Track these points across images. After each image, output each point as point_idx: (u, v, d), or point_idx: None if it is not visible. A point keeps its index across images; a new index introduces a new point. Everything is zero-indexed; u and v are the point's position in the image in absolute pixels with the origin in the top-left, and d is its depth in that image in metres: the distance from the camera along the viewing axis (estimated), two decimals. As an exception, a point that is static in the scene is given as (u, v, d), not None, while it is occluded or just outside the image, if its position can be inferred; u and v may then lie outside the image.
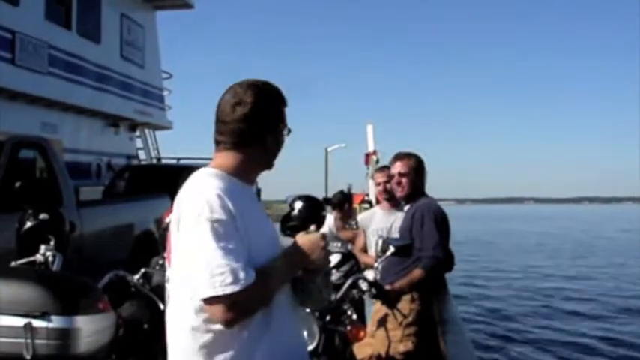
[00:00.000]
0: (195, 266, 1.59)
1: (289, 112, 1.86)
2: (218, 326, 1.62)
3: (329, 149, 33.93)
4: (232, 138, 1.77)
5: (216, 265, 1.56)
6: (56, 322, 2.41)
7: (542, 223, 60.18)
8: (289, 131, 1.86)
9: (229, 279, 1.55)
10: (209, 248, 1.57)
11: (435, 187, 4.05)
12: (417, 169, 3.96)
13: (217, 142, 1.80)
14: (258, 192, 9.65)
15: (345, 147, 35.29)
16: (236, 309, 1.58)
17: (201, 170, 1.78)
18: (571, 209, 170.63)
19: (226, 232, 1.60)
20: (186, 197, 1.69)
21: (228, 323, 1.60)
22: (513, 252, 27.58)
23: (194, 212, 1.62)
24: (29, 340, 2.37)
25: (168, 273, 1.74)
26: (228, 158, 1.78)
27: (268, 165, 1.86)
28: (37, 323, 2.39)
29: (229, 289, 1.55)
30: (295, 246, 1.78)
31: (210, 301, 1.57)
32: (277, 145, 1.85)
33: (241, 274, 1.56)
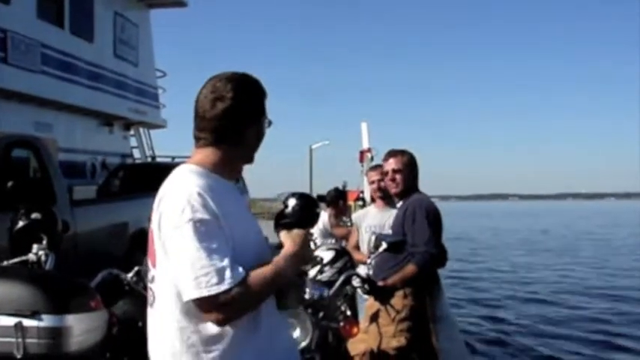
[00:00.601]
0: (180, 268, 1.57)
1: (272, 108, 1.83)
2: (206, 326, 1.60)
3: (313, 147, 33.77)
4: (213, 134, 1.73)
5: (201, 266, 1.54)
6: (47, 321, 2.39)
7: (527, 220, 60.37)
8: (270, 123, 1.82)
9: (214, 279, 1.53)
10: (193, 249, 1.55)
11: (419, 183, 4.05)
12: (410, 166, 3.96)
13: (197, 138, 1.76)
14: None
15: (328, 144, 35.27)
16: (224, 309, 1.56)
17: (182, 167, 1.74)
18: (555, 205, 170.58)
19: (210, 231, 1.57)
20: (167, 195, 1.65)
21: (218, 323, 1.59)
22: (500, 248, 27.65)
23: (176, 212, 1.59)
24: (20, 340, 2.36)
25: (152, 273, 1.71)
26: (209, 154, 1.73)
27: (250, 159, 1.83)
28: (27, 322, 2.38)
29: (215, 290, 1.53)
30: (283, 246, 1.76)
31: (197, 302, 1.56)
32: (258, 139, 1.81)
33: (227, 274, 1.54)
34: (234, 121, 1.73)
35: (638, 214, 66.13)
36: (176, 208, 1.59)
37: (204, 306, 1.56)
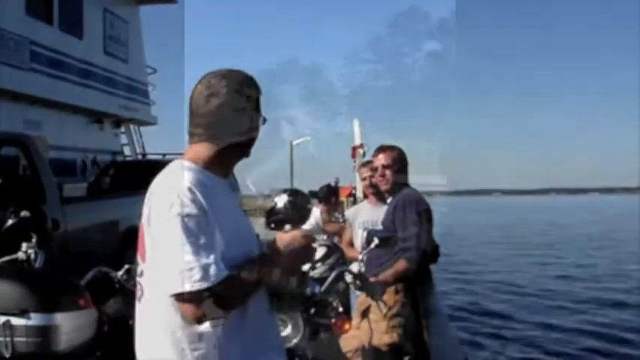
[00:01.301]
0: (166, 262, 1.56)
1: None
2: (191, 323, 1.59)
3: (294, 142, 33.38)
4: (207, 130, 1.72)
5: (186, 261, 1.53)
6: (35, 319, 2.39)
7: (512, 215, 60.77)
8: (264, 120, 1.81)
9: (198, 275, 1.52)
10: (179, 244, 1.54)
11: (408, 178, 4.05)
12: (399, 161, 3.96)
13: (191, 134, 1.75)
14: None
15: (310, 140, 34.74)
16: (205, 306, 1.54)
17: (175, 162, 1.73)
18: (538, 200, 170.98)
19: (197, 227, 1.56)
20: (157, 190, 1.65)
21: (198, 320, 1.58)
22: (486, 244, 27.76)
23: (165, 206, 1.58)
24: (8, 339, 2.35)
25: (141, 267, 1.70)
26: (202, 150, 1.72)
27: (245, 155, 1.81)
28: (15, 321, 2.37)
29: (198, 286, 1.52)
30: (275, 246, 1.74)
31: (179, 297, 1.55)
32: (253, 136, 1.79)
33: (212, 271, 1.53)
34: (228, 116, 1.72)
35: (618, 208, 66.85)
36: (165, 203, 1.58)
37: (186, 301, 1.55)
